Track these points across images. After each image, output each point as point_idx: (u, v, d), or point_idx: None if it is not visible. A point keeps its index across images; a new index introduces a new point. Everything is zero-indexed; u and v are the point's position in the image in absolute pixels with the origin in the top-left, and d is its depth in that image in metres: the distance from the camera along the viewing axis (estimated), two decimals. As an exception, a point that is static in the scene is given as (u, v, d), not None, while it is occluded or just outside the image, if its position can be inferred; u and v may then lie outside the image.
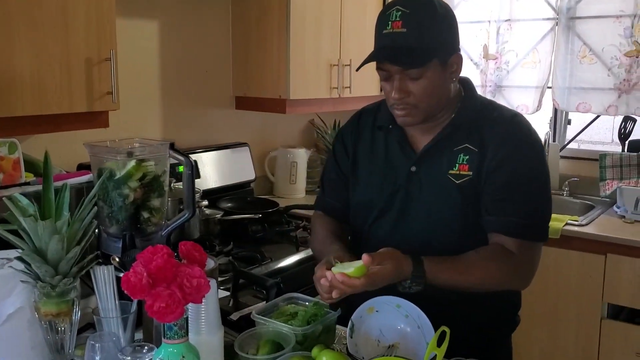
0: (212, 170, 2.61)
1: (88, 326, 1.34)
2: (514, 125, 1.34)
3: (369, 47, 1.33)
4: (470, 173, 1.31)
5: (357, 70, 1.36)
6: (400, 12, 1.23)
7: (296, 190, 3.01)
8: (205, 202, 2.29)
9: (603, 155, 2.85)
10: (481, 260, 1.28)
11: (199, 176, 2.49)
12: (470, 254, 1.29)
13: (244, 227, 2.37)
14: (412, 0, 1.25)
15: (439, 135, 1.35)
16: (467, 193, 1.31)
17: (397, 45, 1.24)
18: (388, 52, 1.26)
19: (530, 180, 1.31)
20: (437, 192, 1.34)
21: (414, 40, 1.23)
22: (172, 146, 1.48)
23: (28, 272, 1.17)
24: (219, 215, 2.31)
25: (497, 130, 1.32)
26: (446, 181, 1.32)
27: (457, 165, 1.32)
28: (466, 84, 1.40)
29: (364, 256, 1.16)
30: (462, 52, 1.36)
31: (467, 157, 1.31)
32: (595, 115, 3.08)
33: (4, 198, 1.23)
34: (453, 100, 1.36)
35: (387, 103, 1.35)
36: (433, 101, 1.30)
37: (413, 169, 1.37)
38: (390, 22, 1.24)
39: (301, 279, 1.83)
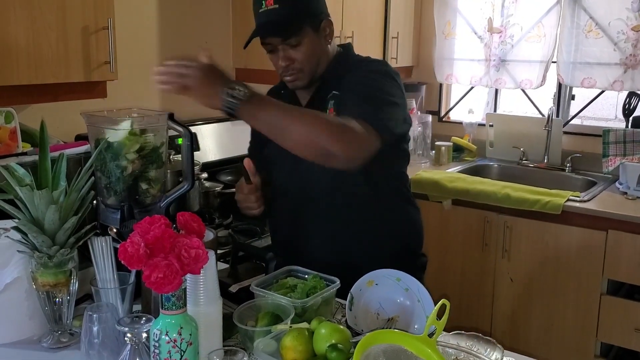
0: (212, 143, 2.59)
1: (86, 297, 1.34)
2: (361, 60, 1.56)
3: (370, 20, 1.35)
4: (334, 114, 1.47)
5: (244, 47, 1.49)
6: None
7: (296, 164, 2.99)
8: (205, 175, 2.28)
9: (606, 131, 2.82)
10: (313, 115, 1.36)
11: (198, 149, 2.47)
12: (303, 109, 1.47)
13: (243, 201, 2.36)
14: None
15: (315, 89, 1.54)
16: None
17: (273, 20, 1.43)
18: (267, 28, 1.45)
19: (376, 85, 1.45)
20: None
21: (286, 14, 1.42)
22: (171, 117, 1.46)
23: (25, 242, 1.16)
24: (218, 188, 2.30)
25: (352, 70, 1.50)
26: None
27: (327, 110, 1.50)
28: (346, 48, 1.62)
29: None
30: (466, 25, 1.35)
31: (333, 101, 1.50)
32: (599, 91, 3.05)
33: (0, 168, 1.21)
34: (330, 59, 1.54)
35: (277, 72, 1.52)
36: (314, 62, 1.49)
37: None
38: (263, 2, 1.43)
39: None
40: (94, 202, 1.43)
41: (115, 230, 1.35)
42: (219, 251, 1.76)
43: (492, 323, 2.77)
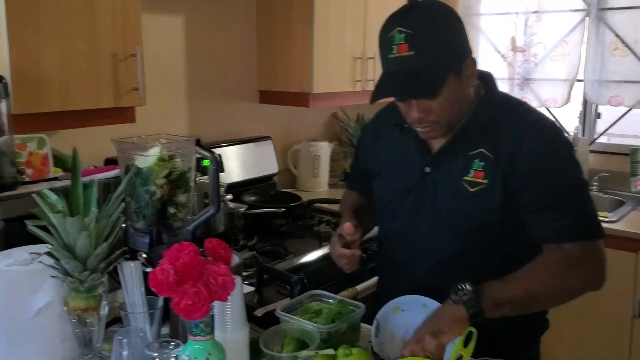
0: (236, 164, 2.62)
1: (116, 320, 1.35)
2: (535, 132, 1.24)
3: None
4: (486, 181, 1.23)
5: (371, 102, 1.24)
6: (403, 34, 1.15)
7: (319, 183, 3.00)
8: (230, 196, 2.30)
9: (635, 150, 2.78)
10: (541, 268, 1.19)
11: (222, 170, 2.50)
12: (525, 267, 1.18)
13: (267, 221, 2.38)
14: (413, 18, 1.17)
15: (454, 138, 1.28)
16: (481, 201, 1.24)
17: (407, 70, 1.16)
18: (401, 83, 1.18)
19: (568, 181, 1.22)
20: (450, 196, 1.28)
21: (424, 62, 1.15)
22: (197, 142, 1.48)
23: (57, 267, 1.18)
24: (242, 209, 2.32)
25: (517, 139, 1.22)
26: (460, 187, 1.26)
27: (472, 171, 1.25)
28: (487, 80, 1.32)
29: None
30: (489, 45, 1.32)
31: (483, 163, 1.24)
32: (627, 109, 3.01)
33: (33, 194, 1.24)
34: (472, 100, 1.28)
35: (407, 120, 1.27)
36: (454, 112, 1.24)
37: (427, 169, 1.32)
38: (394, 46, 1.16)
39: (325, 275, 1.83)
40: (124, 225, 1.45)
41: (144, 255, 1.37)
42: (243, 274, 1.78)
43: (519, 345, 2.72)
